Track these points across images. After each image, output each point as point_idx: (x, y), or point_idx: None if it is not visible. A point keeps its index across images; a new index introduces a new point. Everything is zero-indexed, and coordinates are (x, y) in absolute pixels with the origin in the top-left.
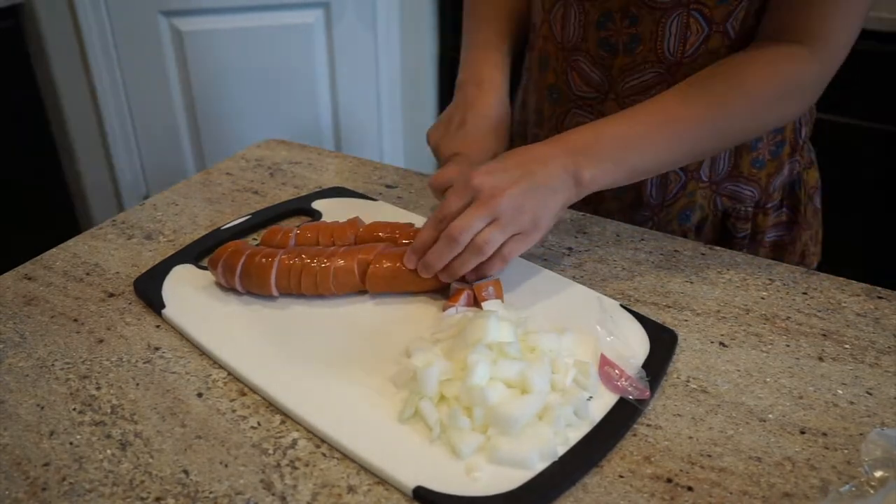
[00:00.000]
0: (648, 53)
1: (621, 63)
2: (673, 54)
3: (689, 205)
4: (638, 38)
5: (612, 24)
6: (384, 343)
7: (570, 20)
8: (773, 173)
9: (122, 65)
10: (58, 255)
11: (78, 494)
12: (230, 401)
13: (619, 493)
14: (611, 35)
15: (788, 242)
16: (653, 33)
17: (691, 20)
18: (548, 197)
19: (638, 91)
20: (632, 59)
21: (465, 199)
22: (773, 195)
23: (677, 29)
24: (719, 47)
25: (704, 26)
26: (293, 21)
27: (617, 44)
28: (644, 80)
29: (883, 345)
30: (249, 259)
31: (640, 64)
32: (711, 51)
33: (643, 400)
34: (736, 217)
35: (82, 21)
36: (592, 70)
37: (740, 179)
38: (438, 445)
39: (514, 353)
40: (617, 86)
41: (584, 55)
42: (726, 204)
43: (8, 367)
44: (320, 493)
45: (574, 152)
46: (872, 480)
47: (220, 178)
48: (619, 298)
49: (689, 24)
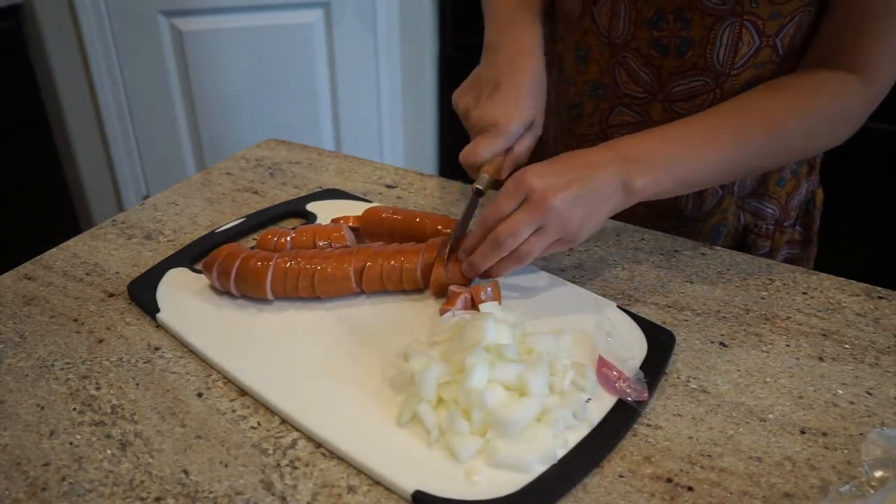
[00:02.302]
0: (698, 59)
1: (671, 65)
2: (722, 64)
3: (723, 221)
4: (689, 42)
5: (664, 25)
6: (381, 346)
7: (620, 16)
8: (791, 192)
9: (122, 65)
10: (58, 255)
11: (78, 494)
12: (230, 401)
13: (619, 493)
14: (663, 35)
15: (802, 259)
16: (703, 39)
17: (744, 31)
18: (597, 204)
19: (685, 97)
20: (682, 62)
21: (517, 200)
22: (790, 213)
23: (729, 38)
24: (767, 62)
25: (756, 38)
26: (293, 21)
27: (669, 45)
28: (691, 87)
29: (883, 345)
30: (244, 262)
31: (690, 69)
32: (759, 64)
33: (642, 401)
34: (756, 234)
35: (82, 21)
36: (641, 69)
37: (765, 197)
38: (437, 449)
39: (512, 355)
40: (665, 88)
41: (633, 53)
42: (748, 220)
43: (8, 367)
44: (320, 493)
45: (626, 159)
46: (872, 480)
47: (220, 178)
48: (619, 298)
49: (742, 35)
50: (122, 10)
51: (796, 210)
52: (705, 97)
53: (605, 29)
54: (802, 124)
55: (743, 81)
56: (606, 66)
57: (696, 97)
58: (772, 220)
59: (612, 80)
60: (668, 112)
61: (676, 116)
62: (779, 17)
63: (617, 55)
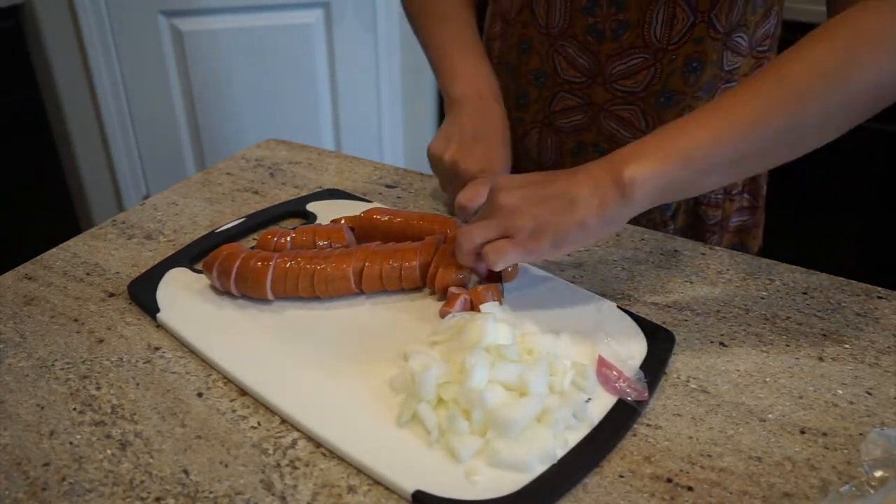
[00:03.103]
0: (635, 39)
1: (608, 49)
2: (659, 40)
3: None
4: (625, 25)
5: (599, 11)
6: (381, 346)
7: (556, 6)
8: None
9: (122, 65)
10: (58, 255)
11: (78, 494)
12: (230, 401)
13: (619, 493)
14: (598, 21)
15: (752, 226)
16: (639, 20)
17: (677, 8)
18: (567, 208)
19: (625, 76)
20: (618, 44)
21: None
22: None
23: (664, 16)
24: (705, 37)
25: (690, 15)
26: (293, 21)
27: (604, 30)
28: (631, 65)
29: (883, 345)
30: (245, 262)
31: (627, 49)
32: (696, 40)
33: (641, 401)
34: (707, 205)
35: (82, 21)
36: (579, 55)
37: None
38: (437, 449)
39: (512, 355)
40: (604, 70)
41: (570, 41)
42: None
43: (8, 367)
44: (320, 493)
45: (611, 160)
46: (872, 480)
47: (220, 178)
48: (619, 299)
49: (676, 13)
50: (122, 10)
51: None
52: (645, 73)
53: (544, 20)
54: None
55: (682, 55)
56: (546, 56)
57: (636, 74)
58: (721, 190)
59: (551, 68)
60: (610, 92)
61: (619, 95)
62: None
63: (555, 44)
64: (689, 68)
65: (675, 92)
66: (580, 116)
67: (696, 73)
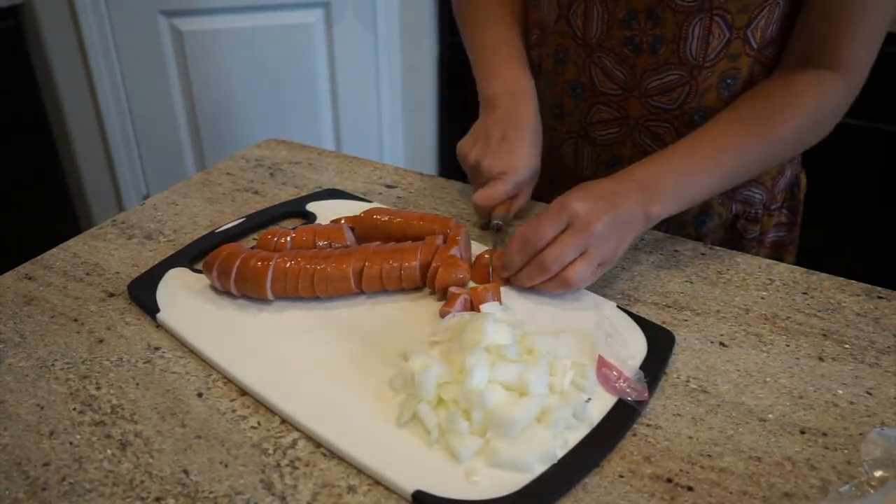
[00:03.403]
0: (671, 55)
1: (645, 63)
2: (695, 58)
3: (706, 209)
4: (661, 39)
5: (636, 24)
6: (381, 346)
7: (594, 18)
8: (776, 176)
9: (122, 65)
10: (58, 255)
11: (78, 494)
12: (230, 401)
13: (619, 493)
14: (635, 35)
15: (788, 242)
16: (675, 35)
17: (714, 25)
18: (627, 230)
19: (660, 91)
20: (655, 59)
21: (560, 224)
22: (776, 197)
23: (700, 32)
24: (740, 53)
25: (726, 32)
26: (293, 21)
27: (641, 43)
28: (666, 81)
29: (883, 345)
30: (245, 262)
31: (664, 65)
32: (732, 56)
33: (641, 401)
34: (746, 219)
35: (82, 21)
36: (616, 68)
37: (752, 183)
38: (437, 449)
39: (513, 355)
40: (641, 84)
41: (607, 53)
42: (739, 209)
43: (8, 367)
44: (320, 493)
45: (643, 189)
46: (872, 480)
47: (220, 178)
48: (619, 298)
49: (712, 29)
50: (122, 10)
51: (782, 194)
52: (681, 90)
53: (581, 31)
54: (793, 128)
55: (718, 72)
56: (583, 67)
57: (672, 90)
58: (760, 206)
59: (588, 80)
60: (646, 107)
61: (654, 110)
62: (747, 11)
63: (592, 55)
64: (723, 85)
65: (710, 109)
66: (616, 129)
67: (730, 88)
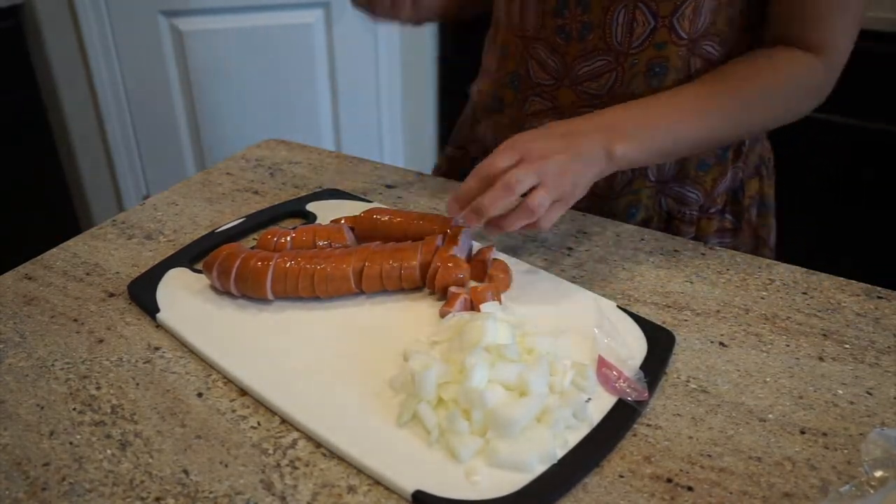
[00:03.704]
0: (598, 42)
1: (575, 50)
2: (620, 44)
3: (635, 202)
4: (589, 26)
5: (567, 12)
6: (381, 346)
7: (529, 9)
8: (717, 178)
9: (122, 65)
10: (58, 255)
11: (78, 494)
12: (230, 401)
13: (619, 493)
14: (566, 23)
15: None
16: (601, 21)
17: (637, 12)
18: (586, 167)
19: (589, 77)
20: (583, 45)
21: (512, 159)
22: (716, 200)
23: (624, 19)
24: (667, 42)
25: (650, 19)
26: (293, 21)
27: (571, 31)
28: (595, 68)
29: (883, 345)
30: (245, 262)
31: (591, 52)
32: (659, 44)
33: (641, 401)
34: (680, 220)
35: (82, 21)
36: (549, 58)
37: (686, 181)
38: (437, 449)
39: (513, 355)
40: (571, 72)
41: (542, 43)
42: (671, 205)
43: (8, 367)
44: (320, 493)
45: (607, 129)
46: (872, 480)
47: (220, 178)
48: (619, 298)
49: (636, 16)
50: (122, 10)
51: (722, 197)
52: (608, 76)
53: (518, 24)
54: (765, 96)
55: (645, 60)
56: (520, 59)
57: (601, 76)
58: (696, 207)
59: (525, 72)
60: (577, 94)
61: (584, 97)
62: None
63: (529, 47)
64: (651, 73)
65: (638, 95)
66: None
67: (658, 77)
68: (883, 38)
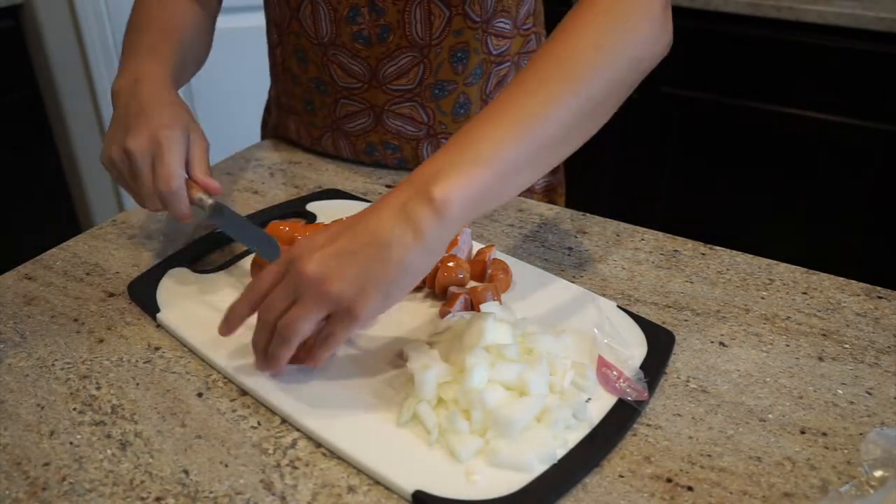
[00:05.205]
0: (401, 40)
1: (378, 52)
2: (422, 38)
3: None
4: (388, 28)
5: (361, 18)
6: (381, 346)
7: (321, 17)
8: None
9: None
10: (58, 255)
11: (78, 494)
12: (230, 401)
13: (619, 493)
14: (363, 28)
15: (556, 184)
16: (399, 22)
17: (433, 6)
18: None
19: (397, 75)
20: (385, 47)
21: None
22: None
23: (421, 15)
24: (463, 28)
25: (445, 10)
26: None
27: (370, 35)
28: (401, 65)
29: (883, 345)
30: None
31: (395, 51)
32: (456, 31)
33: (641, 401)
34: None
35: (82, 21)
36: (352, 63)
37: None
38: (437, 449)
39: (513, 355)
40: (378, 74)
41: (341, 49)
42: None
43: (8, 367)
44: (320, 493)
45: (415, 182)
46: (872, 480)
47: (220, 178)
48: (619, 298)
49: (431, 10)
50: (122, 10)
51: None
52: (416, 70)
53: (313, 31)
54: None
55: (447, 48)
56: (322, 65)
57: (408, 72)
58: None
59: (329, 77)
60: (387, 93)
61: (395, 94)
62: None
63: (328, 53)
64: (454, 59)
65: (447, 82)
66: (364, 119)
67: (462, 62)
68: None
